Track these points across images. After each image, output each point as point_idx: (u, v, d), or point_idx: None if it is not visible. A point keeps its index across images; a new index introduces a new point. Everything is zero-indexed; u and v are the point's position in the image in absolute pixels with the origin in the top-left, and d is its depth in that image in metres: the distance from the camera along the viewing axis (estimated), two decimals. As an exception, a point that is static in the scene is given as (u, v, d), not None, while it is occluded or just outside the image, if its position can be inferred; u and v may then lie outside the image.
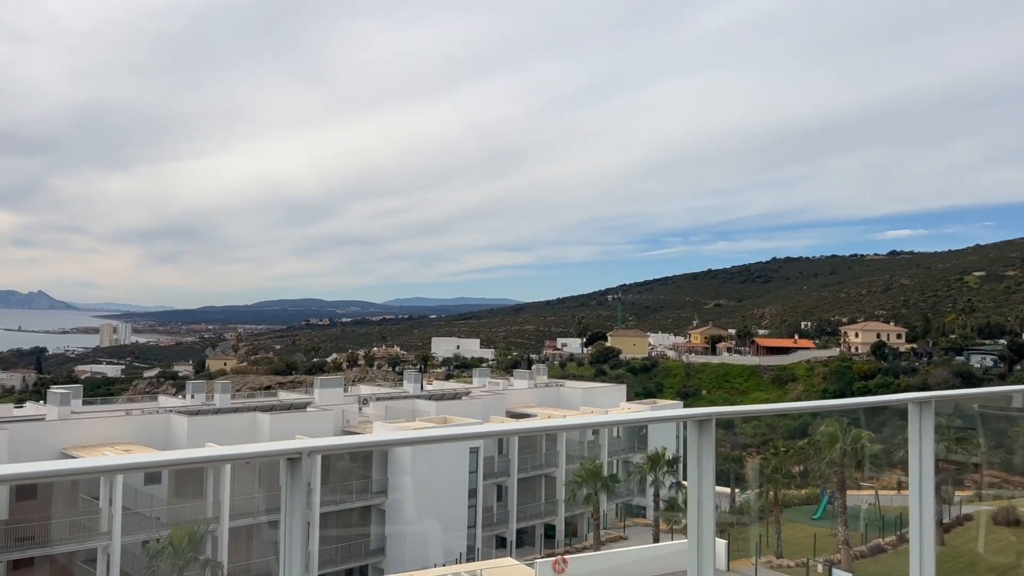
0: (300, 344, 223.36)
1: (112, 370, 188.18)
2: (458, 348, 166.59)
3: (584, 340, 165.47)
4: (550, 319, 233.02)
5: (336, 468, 47.86)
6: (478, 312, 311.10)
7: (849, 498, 40.65)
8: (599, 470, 49.75)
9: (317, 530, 44.80)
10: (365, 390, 70.49)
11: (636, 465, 57.09)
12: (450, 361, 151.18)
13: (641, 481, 54.33)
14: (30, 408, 59.88)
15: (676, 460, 47.92)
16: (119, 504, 39.51)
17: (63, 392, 50.83)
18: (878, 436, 41.02)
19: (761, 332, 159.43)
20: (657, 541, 45.52)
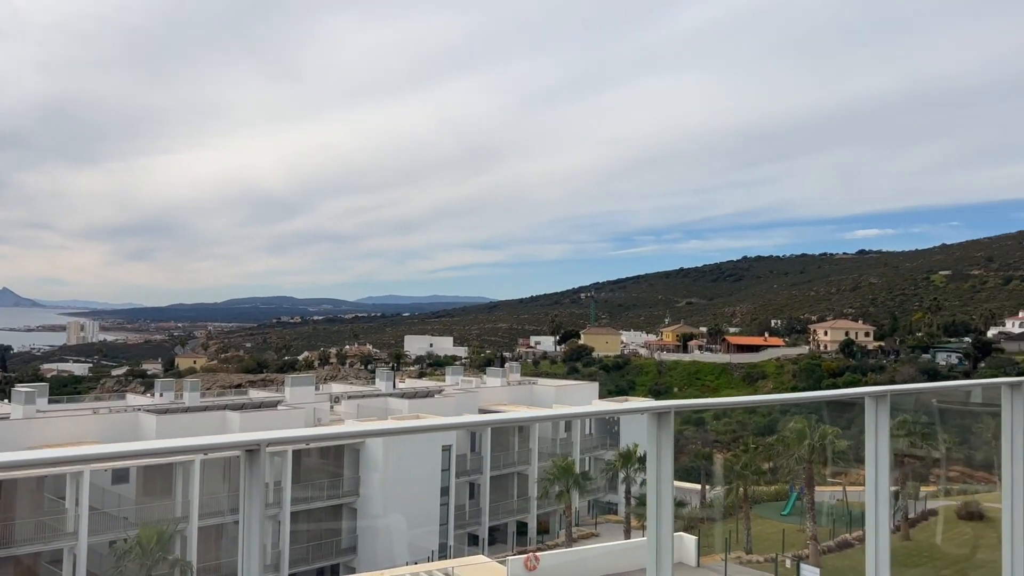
0: (271, 342, 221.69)
1: (79, 368, 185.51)
2: (431, 346, 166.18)
3: (557, 338, 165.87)
4: (523, 317, 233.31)
5: (307, 466, 47.59)
6: (451, 310, 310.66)
7: (817, 494, 41.15)
8: (571, 467, 49.94)
9: (288, 528, 44.55)
10: (337, 388, 70.17)
11: (608, 462, 57.39)
12: (423, 359, 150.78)
13: (613, 478, 54.61)
14: (-6, 407, 58.87)
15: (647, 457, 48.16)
16: (86, 504, 39.00)
17: (28, 391, 50.08)
18: (846, 433, 41.56)
19: (732, 330, 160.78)
20: (628, 537, 45.79)
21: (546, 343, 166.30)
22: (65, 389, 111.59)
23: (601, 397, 74.98)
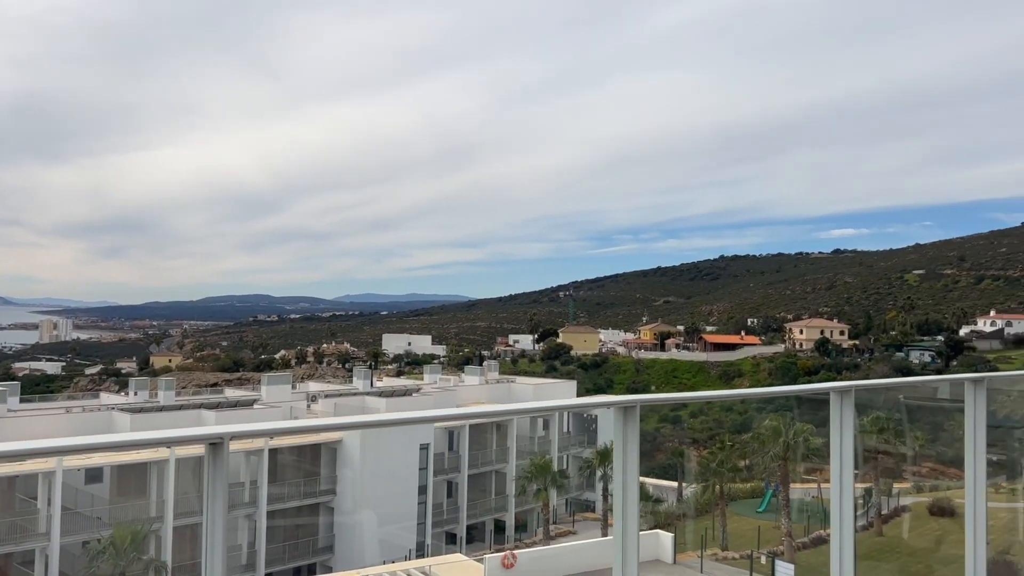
0: (248, 341, 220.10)
1: (52, 367, 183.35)
2: (409, 345, 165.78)
3: (536, 337, 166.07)
4: (502, 316, 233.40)
5: (284, 465, 47.34)
6: (430, 308, 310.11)
7: (792, 491, 41.52)
8: (548, 465, 50.06)
9: (264, 527, 44.29)
10: (314, 387, 69.83)
11: (585, 460, 57.58)
12: (401, 358, 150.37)
13: (590, 476, 54.80)
14: (-36, 406, 58.00)
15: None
16: (58, 504, 38.56)
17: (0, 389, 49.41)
18: (821, 430, 41.96)
19: (709, 329, 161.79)
20: (606, 535, 45.97)
21: (525, 342, 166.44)
22: (37, 388, 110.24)
23: (579, 395, 75.18)
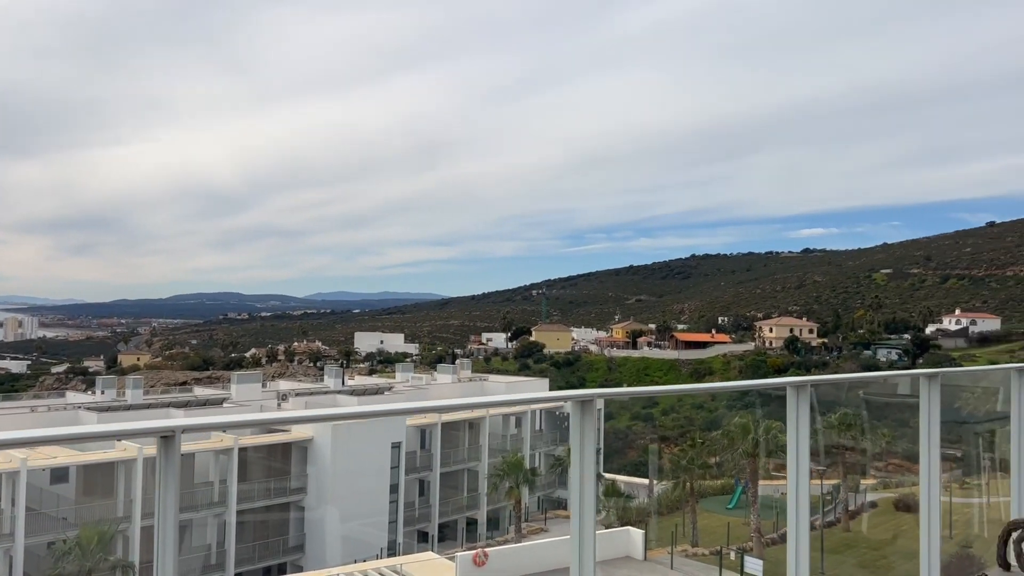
0: (217, 339, 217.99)
1: (17, 366, 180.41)
2: (382, 343, 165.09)
3: (509, 335, 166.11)
4: (475, 314, 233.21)
5: (254, 464, 46.98)
6: (402, 307, 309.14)
7: (761, 488, 41.95)
8: (520, 463, 50.13)
9: (234, 527, 43.93)
10: (285, 386, 69.35)
11: (557, 458, 57.78)
12: (373, 356, 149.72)
13: (562, 473, 54.98)
14: (-75, 406, 56.97)
15: (596, 452, 48.62)
16: (22, 504, 37.97)
17: (-38, 388, 48.53)
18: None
19: (680, 327, 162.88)
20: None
21: (498, 340, 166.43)
22: (2, 387, 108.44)
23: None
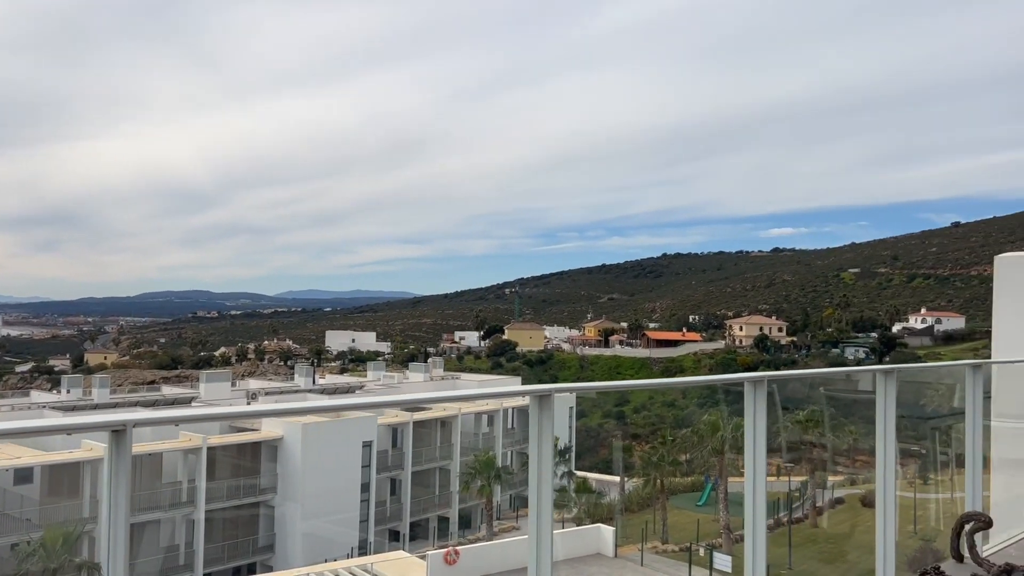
0: (186, 337, 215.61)
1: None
2: (353, 342, 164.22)
3: (482, 333, 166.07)
4: (448, 312, 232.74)
5: (223, 463, 46.56)
6: (375, 305, 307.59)
7: (731, 484, 42.35)
8: (492, 461, 50.18)
9: (202, 527, 43.51)
10: (254, 384, 68.79)
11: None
12: (345, 355, 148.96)
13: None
14: None
15: (567, 450, 48.83)
16: (-15, 506, 37.32)
17: (-78, 388, 47.59)
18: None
19: (652, 325, 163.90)
20: (548, 530, 46.19)
21: (471, 338, 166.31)
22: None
23: (523, 392, 75.44)
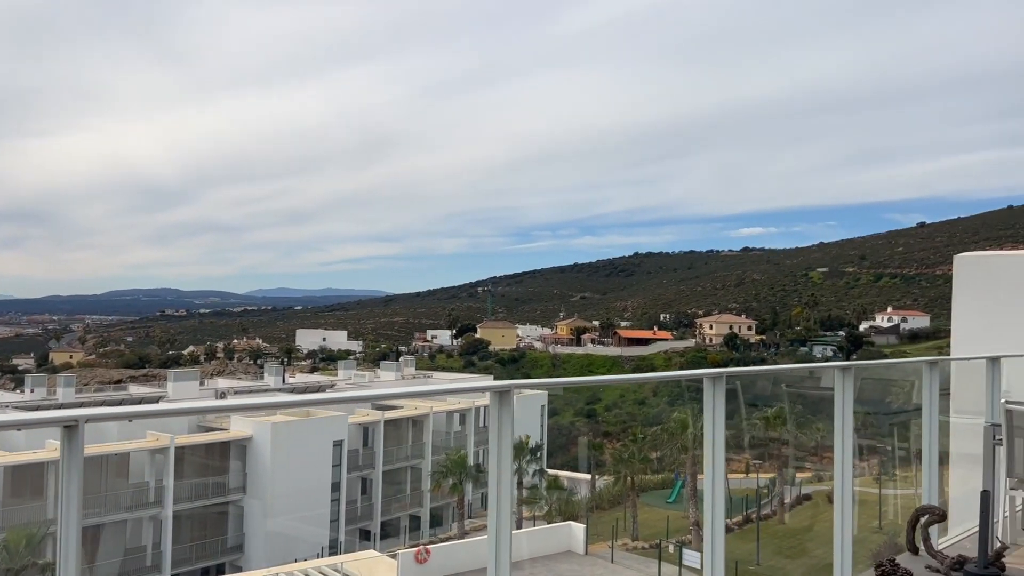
0: (154, 336, 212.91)
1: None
2: (324, 341, 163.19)
3: (454, 332, 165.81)
4: (420, 311, 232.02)
5: (192, 462, 46.08)
6: (346, 303, 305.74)
7: (701, 481, 42.63)
8: (464, 460, 50.15)
9: (170, 528, 43.05)
10: (223, 384, 68.13)
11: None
12: (315, 354, 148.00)
13: (506, 470, 55.12)
14: None
15: (539, 448, 48.95)
16: (-55, 507, 36.63)
17: None
18: (728, 423, 43.19)
19: (623, 324, 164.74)
20: (520, 527, 46.35)
21: (443, 337, 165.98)
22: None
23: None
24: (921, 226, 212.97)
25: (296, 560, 40.23)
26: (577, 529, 36.54)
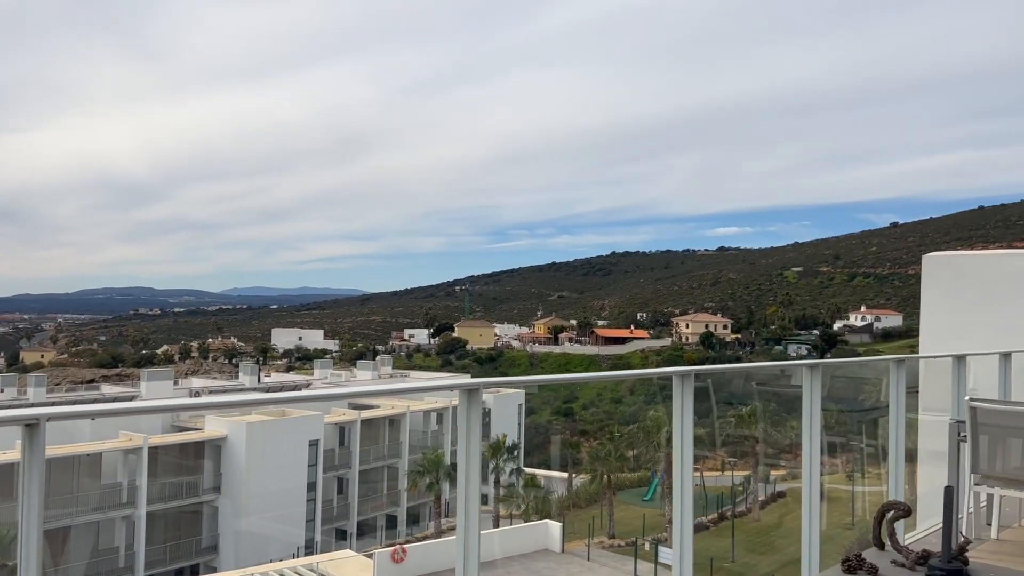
0: (127, 335, 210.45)
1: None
2: (300, 340, 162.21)
3: (431, 331, 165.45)
4: (398, 310, 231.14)
5: (165, 462, 45.65)
6: (322, 302, 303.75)
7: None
8: (441, 459, 50.07)
9: (143, 528, 42.63)
10: (197, 383, 67.57)
11: (478, 453, 57.76)
12: (291, 353, 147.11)
13: (483, 468, 55.12)
14: None
15: (515, 447, 48.99)
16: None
17: None
18: (702, 421, 43.53)
19: (600, 323, 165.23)
20: (497, 526, 46.39)
21: (420, 336, 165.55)
22: None
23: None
24: (894, 226, 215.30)
25: (271, 560, 40.00)
26: (554, 527, 36.62)
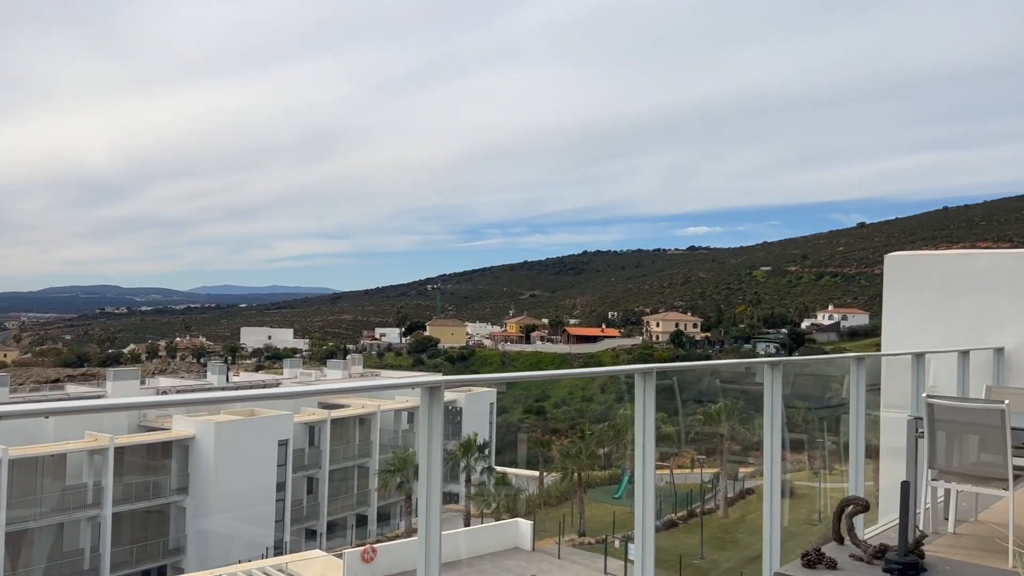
0: (93, 334, 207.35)
1: None
2: (270, 339, 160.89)
3: (403, 330, 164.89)
4: (369, 308, 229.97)
5: (132, 463, 45.09)
6: (292, 301, 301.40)
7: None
8: (411, 458, 49.93)
9: (109, 530, 42.08)
10: (165, 382, 66.78)
11: (449, 452, 57.78)
12: (261, 352, 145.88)
13: (454, 468, 55.04)
14: None
15: (487, 446, 49.00)
16: None
17: None
18: (672, 419, 43.90)
19: (572, 321, 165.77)
20: (468, 525, 46.41)
21: (392, 335, 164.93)
22: None
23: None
24: (861, 226, 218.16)
25: (240, 561, 39.68)
26: (524, 526, 36.71)
